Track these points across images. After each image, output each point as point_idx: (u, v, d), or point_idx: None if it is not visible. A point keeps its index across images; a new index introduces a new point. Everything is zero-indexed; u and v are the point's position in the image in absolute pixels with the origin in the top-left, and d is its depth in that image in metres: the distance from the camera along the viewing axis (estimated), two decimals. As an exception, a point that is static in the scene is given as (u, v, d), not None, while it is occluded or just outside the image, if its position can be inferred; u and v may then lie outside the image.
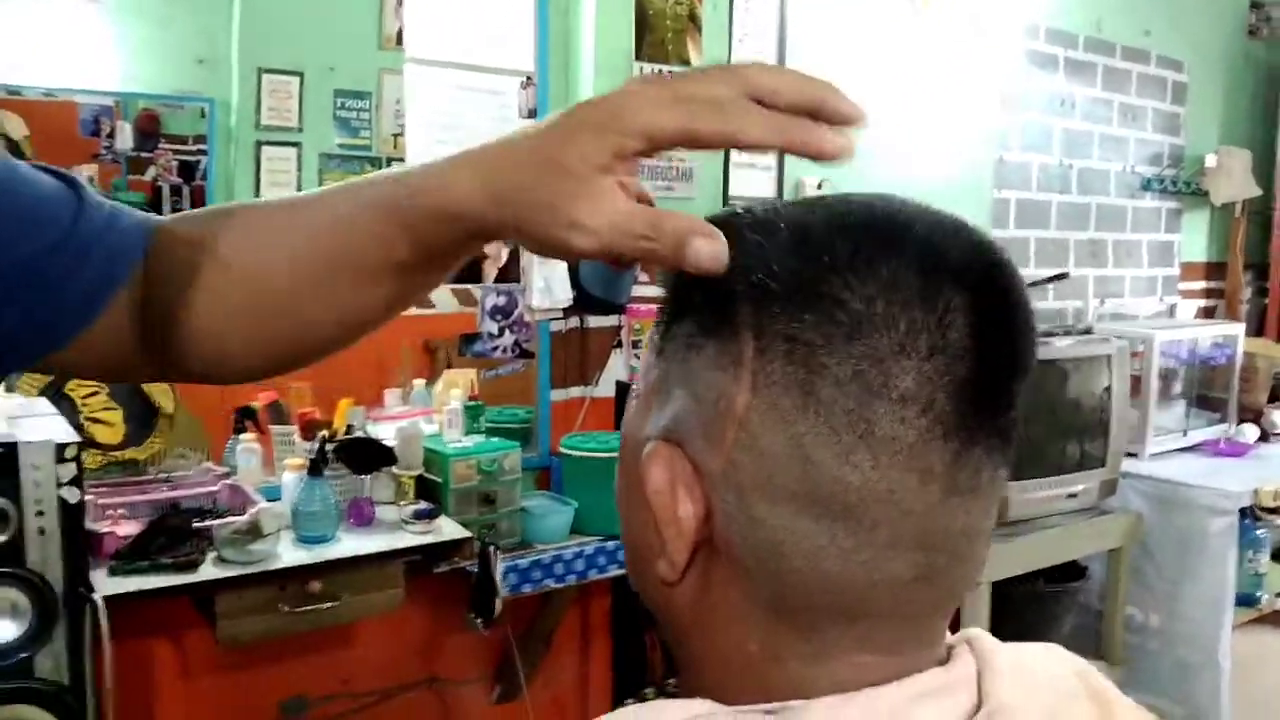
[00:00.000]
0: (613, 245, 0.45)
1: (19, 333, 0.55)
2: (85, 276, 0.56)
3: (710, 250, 0.43)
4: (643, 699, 0.55)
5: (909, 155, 3.15)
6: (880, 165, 3.05)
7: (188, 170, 2.24)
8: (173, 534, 1.87)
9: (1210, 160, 4.09)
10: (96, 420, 2.20)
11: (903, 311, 0.41)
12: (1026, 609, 2.95)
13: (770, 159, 2.93)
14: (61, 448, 1.66)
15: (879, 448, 0.41)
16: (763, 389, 0.43)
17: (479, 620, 2.08)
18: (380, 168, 2.42)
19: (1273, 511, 3.18)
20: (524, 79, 2.57)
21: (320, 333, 0.58)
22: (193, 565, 1.83)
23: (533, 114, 2.57)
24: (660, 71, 2.68)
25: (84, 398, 2.20)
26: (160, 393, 2.25)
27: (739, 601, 0.46)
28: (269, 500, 2.01)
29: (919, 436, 0.41)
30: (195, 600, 1.93)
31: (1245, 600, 3.30)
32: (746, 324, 0.43)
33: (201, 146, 2.24)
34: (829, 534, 0.42)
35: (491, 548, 2.07)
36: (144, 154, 2.20)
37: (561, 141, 0.45)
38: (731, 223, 0.46)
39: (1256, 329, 4.33)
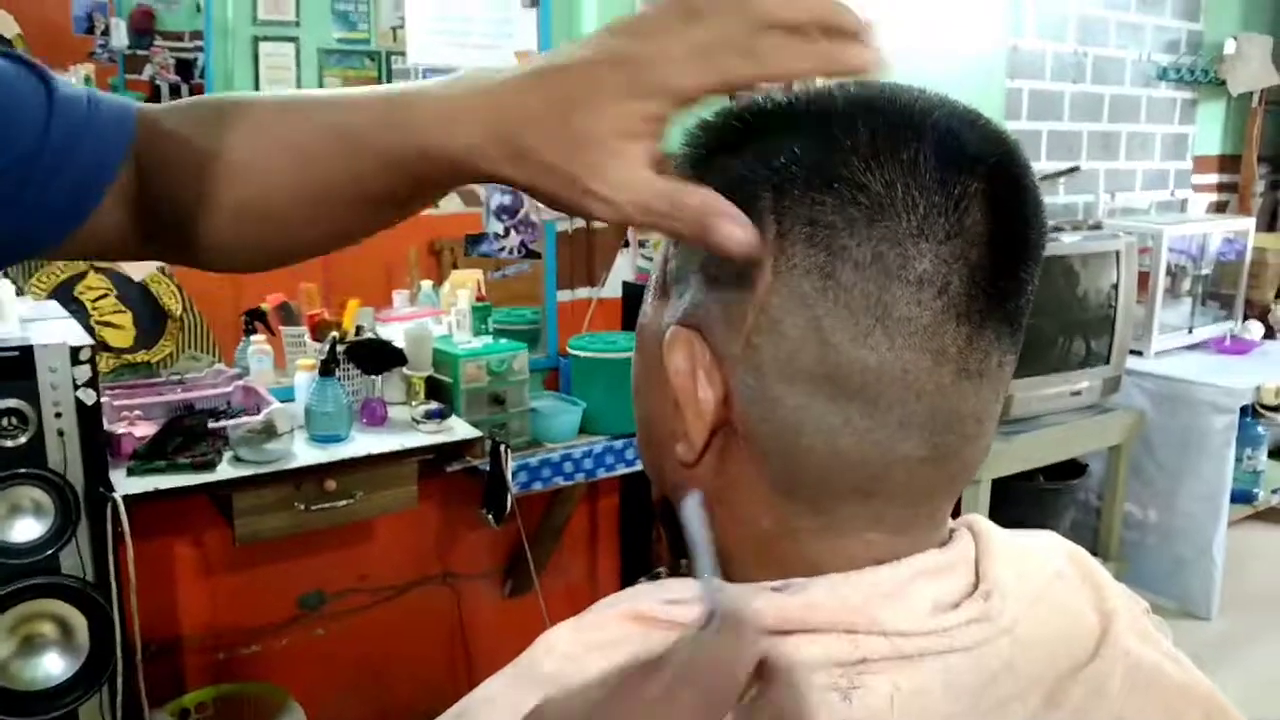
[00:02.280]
0: (631, 219, 0.44)
1: (5, 239, 0.54)
2: (69, 180, 0.54)
3: (736, 236, 0.42)
4: (655, 578, 0.57)
5: (919, 41, 3.07)
6: (888, 51, 2.97)
7: (185, 68, 2.20)
8: (188, 434, 1.89)
9: (1229, 47, 3.98)
10: (107, 324, 2.21)
11: (922, 195, 0.42)
12: (1026, 505, 3.01)
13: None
14: (76, 350, 1.67)
15: (895, 329, 0.43)
16: (784, 273, 0.43)
17: (491, 516, 2.13)
18: (379, 62, 2.38)
19: (1274, 409, 3.21)
20: (526, -33, 2.50)
21: (311, 244, 0.58)
22: (209, 465, 1.87)
23: (535, 3, 2.50)
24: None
25: (94, 301, 2.21)
26: (169, 296, 2.26)
27: (754, 480, 0.47)
28: (281, 401, 2.04)
29: (934, 318, 0.43)
30: (213, 499, 1.97)
31: (1242, 497, 3.36)
32: (767, 209, 0.44)
33: (199, 43, 2.19)
34: (844, 414, 0.44)
35: (503, 446, 2.10)
36: (140, 52, 2.15)
37: (584, 103, 0.43)
38: (752, 109, 0.47)
39: (1268, 224, 4.29)
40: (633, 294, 2.67)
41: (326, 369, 2.05)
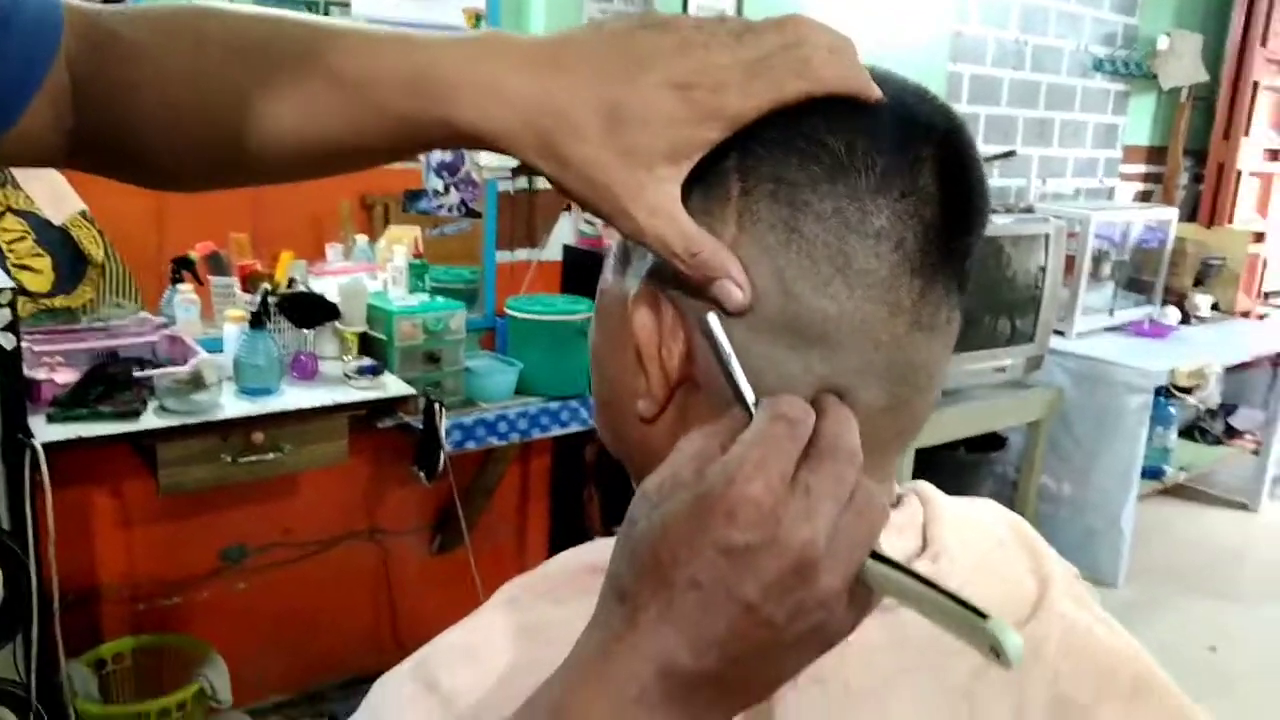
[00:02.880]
0: (647, 244, 0.45)
1: None
2: None
3: (734, 297, 0.45)
4: (610, 534, 0.58)
5: (865, 23, 3.10)
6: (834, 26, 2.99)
7: None
8: (112, 382, 1.85)
9: (1162, 43, 4.09)
10: (24, 267, 2.13)
11: (880, 155, 0.44)
12: (947, 475, 3.08)
13: (727, 3, 2.85)
14: (-6, 292, 1.62)
15: (855, 280, 0.44)
16: (748, 227, 0.45)
17: (423, 474, 2.12)
18: (318, 10, 2.31)
19: (1186, 391, 3.33)
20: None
21: (279, 178, 0.54)
22: (134, 414, 1.83)
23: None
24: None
25: (10, 243, 2.13)
26: (90, 241, 2.19)
27: None
28: (208, 351, 1.99)
29: (890, 271, 0.45)
30: (136, 449, 1.93)
31: (1152, 473, 3.50)
32: (732, 169, 0.45)
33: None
34: (804, 361, 0.45)
35: (437, 404, 2.09)
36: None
37: (638, 124, 0.43)
38: None
39: (1189, 214, 4.43)
40: (573, 258, 2.67)
41: (257, 320, 2.01)
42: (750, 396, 0.43)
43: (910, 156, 0.45)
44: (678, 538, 0.38)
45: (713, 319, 0.44)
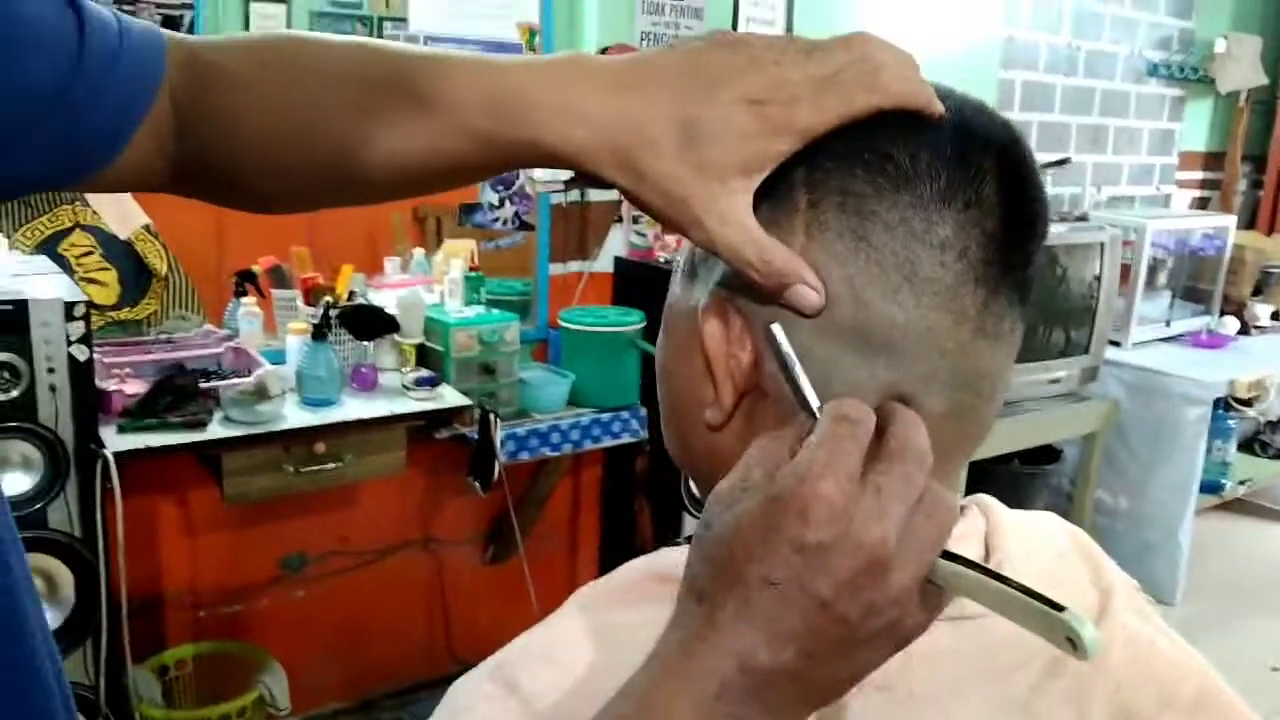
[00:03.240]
0: (719, 254, 0.46)
1: (34, 174, 0.51)
2: (101, 116, 0.50)
3: (810, 300, 0.46)
4: (675, 544, 0.59)
5: (914, 28, 3.08)
6: (884, 35, 2.98)
7: (171, 26, 2.16)
8: (179, 393, 1.89)
9: (1219, 46, 4.02)
10: (91, 280, 2.19)
11: (944, 167, 0.46)
12: (1001, 488, 3.04)
13: (778, 14, 2.86)
14: (70, 305, 1.66)
15: (921, 288, 0.46)
16: (816, 235, 0.46)
17: (478, 484, 2.14)
18: (372, 29, 2.34)
19: (1245, 403, 3.27)
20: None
21: (362, 200, 0.56)
22: (200, 424, 1.87)
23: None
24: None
25: (78, 258, 2.19)
26: (154, 255, 2.24)
27: None
28: (270, 363, 2.04)
29: (955, 279, 0.46)
30: (201, 459, 1.97)
31: (1210, 487, 3.42)
32: (800, 182, 0.47)
33: (187, 0, 2.16)
34: (870, 368, 0.46)
35: (492, 415, 2.11)
36: (124, 6, 2.11)
37: (712, 138, 0.45)
38: None
39: (1248, 222, 4.35)
40: (624, 269, 2.68)
41: (319, 333, 2.05)
42: (815, 403, 0.44)
43: (972, 169, 0.46)
44: (752, 537, 0.40)
45: (777, 329, 0.45)
